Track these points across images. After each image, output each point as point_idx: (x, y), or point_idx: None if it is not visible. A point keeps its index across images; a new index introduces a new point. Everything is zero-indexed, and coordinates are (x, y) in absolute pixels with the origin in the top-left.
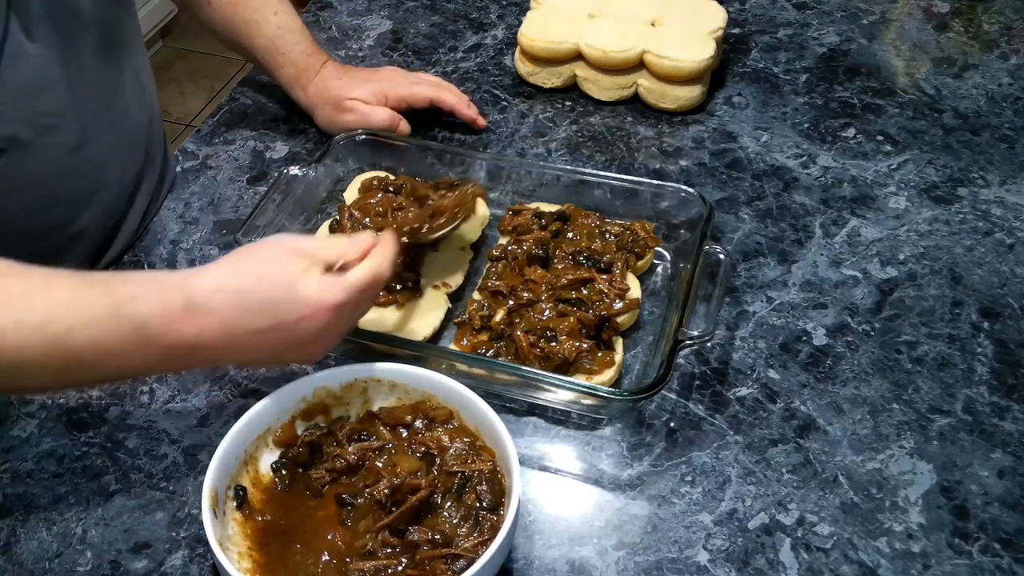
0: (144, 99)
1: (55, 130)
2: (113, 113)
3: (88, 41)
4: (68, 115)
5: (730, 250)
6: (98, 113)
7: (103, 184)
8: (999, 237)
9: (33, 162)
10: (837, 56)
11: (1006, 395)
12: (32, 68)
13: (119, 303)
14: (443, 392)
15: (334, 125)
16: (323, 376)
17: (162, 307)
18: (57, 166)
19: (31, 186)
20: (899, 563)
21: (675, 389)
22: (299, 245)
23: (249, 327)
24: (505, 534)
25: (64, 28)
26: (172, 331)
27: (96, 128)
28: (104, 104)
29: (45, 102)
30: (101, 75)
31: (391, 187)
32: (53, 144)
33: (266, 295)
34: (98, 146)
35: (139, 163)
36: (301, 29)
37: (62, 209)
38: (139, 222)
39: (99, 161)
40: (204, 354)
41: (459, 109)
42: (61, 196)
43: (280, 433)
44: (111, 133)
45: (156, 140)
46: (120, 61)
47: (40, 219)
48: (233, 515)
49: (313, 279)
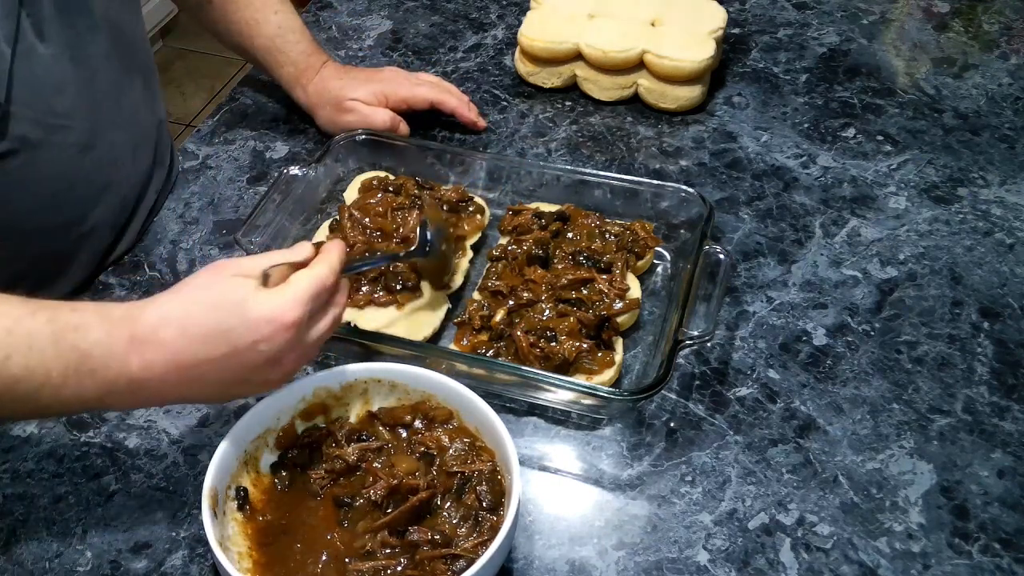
0: (152, 98)
1: (66, 130)
2: (123, 112)
3: (98, 41)
4: (79, 115)
5: (730, 250)
6: (108, 113)
7: (113, 183)
8: (999, 237)
9: (44, 161)
10: (837, 56)
11: (1006, 395)
12: (44, 68)
13: (61, 331)
14: (443, 392)
15: (335, 126)
16: (323, 376)
17: (106, 338)
18: (67, 165)
19: (42, 185)
20: (899, 563)
21: (675, 389)
22: (241, 268)
23: (201, 357)
24: (505, 534)
25: (75, 28)
26: (115, 364)
27: (106, 127)
28: (114, 103)
29: (57, 102)
30: (111, 75)
31: (391, 187)
32: (64, 144)
33: (217, 322)
34: (108, 145)
35: (148, 162)
36: (301, 29)
37: (72, 208)
38: (153, 220)
39: (109, 160)
40: (153, 390)
41: (460, 112)
42: (71, 195)
43: (280, 433)
44: (121, 132)
45: (164, 139)
46: (129, 61)
47: (51, 217)
48: (234, 515)
49: (263, 298)
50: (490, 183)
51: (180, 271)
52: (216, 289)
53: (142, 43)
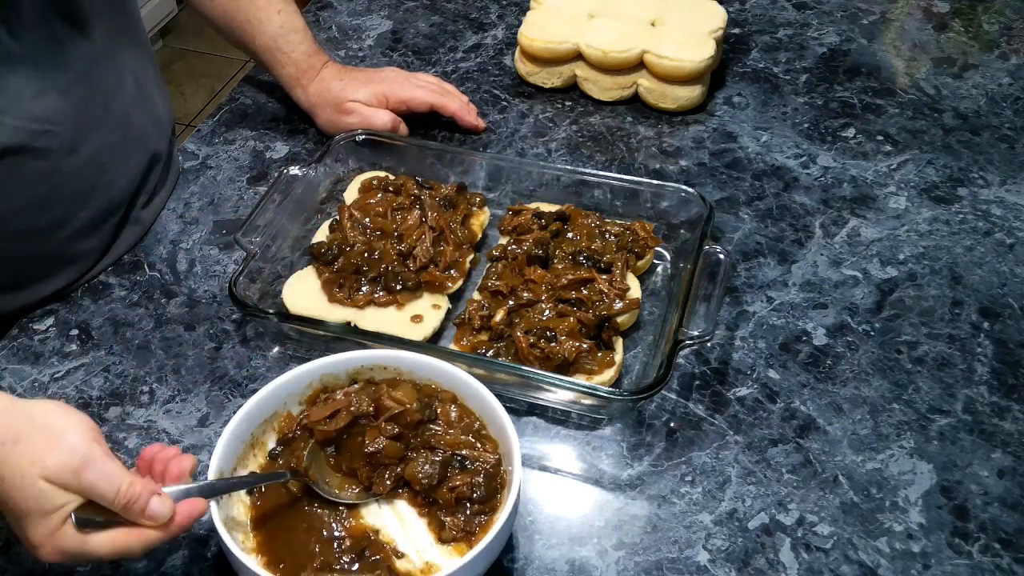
0: (148, 100)
1: (48, 135)
2: (111, 115)
3: (83, 45)
4: (61, 119)
5: (730, 250)
6: (95, 115)
7: (102, 184)
8: (999, 237)
9: (26, 165)
10: (837, 56)
11: (1006, 395)
12: (22, 74)
13: None
14: (448, 380)
15: (335, 127)
16: (330, 362)
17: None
18: (52, 168)
19: (25, 188)
20: (899, 563)
21: (675, 389)
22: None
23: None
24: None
25: (56, 33)
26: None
27: (93, 131)
28: (101, 107)
29: (37, 106)
30: (98, 78)
31: (391, 187)
32: (47, 148)
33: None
34: (96, 148)
35: (142, 163)
36: (304, 29)
37: (59, 209)
38: (153, 220)
39: (98, 163)
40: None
41: (460, 115)
42: (57, 197)
43: (285, 419)
44: (110, 134)
45: (162, 140)
46: (120, 63)
47: (36, 218)
48: (241, 498)
49: (44, 527)
50: (490, 183)
51: (180, 271)
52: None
53: (137, 44)
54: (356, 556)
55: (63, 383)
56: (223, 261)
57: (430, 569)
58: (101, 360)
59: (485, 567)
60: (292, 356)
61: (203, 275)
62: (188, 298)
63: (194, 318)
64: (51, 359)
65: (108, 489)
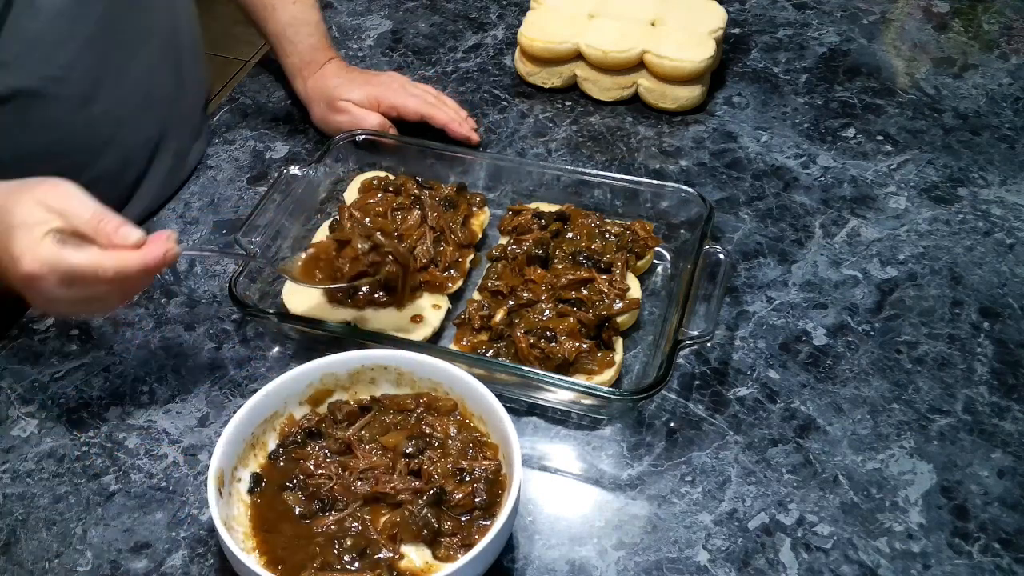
0: (175, 65)
1: (62, 82)
2: (130, 74)
3: (102, 3)
4: (78, 68)
5: (730, 250)
6: (113, 71)
7: (117, 138)
8: (999, 237)
9: (40, 111)
10: (837, 56)
11: (1006, 395)
12: (44, 21)
13: None
14: (449, 380)
15: (327, 124)
16: (330, 362)
17: None
18: (65, 116)
19: (39, 133)
20: (899, 563)
21: (675, 389)
22: (61, 199)
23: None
24: (504, 521)
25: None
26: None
27: (110, 85)
28: (121, 62)
29: (56, 55)
30: (122, 35)
31: (391, 187)
32: (61, 95)
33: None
34: (111, 102)
35: (160, 124)
36: (317, 23)
37: (71, 158)
38: (164, 179)
39: (113, 116)
40: None
41: (451, 127)
42: (70, 145)
43: (286, 420)
44: (127, 92)
45: (184, 104)
46: (148, 23)
47: (48, 166)
48: (241, 497)
49: (27, 238)
50: (490, 183)
51: (180, 271)
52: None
53: (172, 9)
54: (356, 556)
55: (63, 383)
56: (223, 261)
57: (430, 569)
58: (101, 360)
59: (485, 567)
60: (292, 356)
61: (203, 275)
62: (188, 298)
63: (194, 318)
64: (51, 359)
65: (84, 208)
